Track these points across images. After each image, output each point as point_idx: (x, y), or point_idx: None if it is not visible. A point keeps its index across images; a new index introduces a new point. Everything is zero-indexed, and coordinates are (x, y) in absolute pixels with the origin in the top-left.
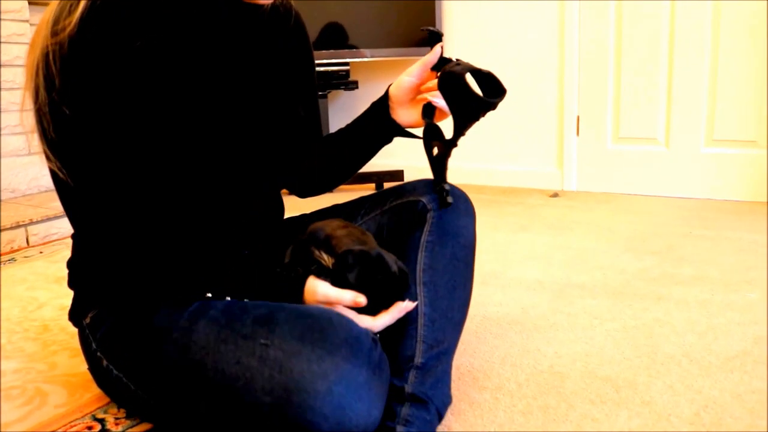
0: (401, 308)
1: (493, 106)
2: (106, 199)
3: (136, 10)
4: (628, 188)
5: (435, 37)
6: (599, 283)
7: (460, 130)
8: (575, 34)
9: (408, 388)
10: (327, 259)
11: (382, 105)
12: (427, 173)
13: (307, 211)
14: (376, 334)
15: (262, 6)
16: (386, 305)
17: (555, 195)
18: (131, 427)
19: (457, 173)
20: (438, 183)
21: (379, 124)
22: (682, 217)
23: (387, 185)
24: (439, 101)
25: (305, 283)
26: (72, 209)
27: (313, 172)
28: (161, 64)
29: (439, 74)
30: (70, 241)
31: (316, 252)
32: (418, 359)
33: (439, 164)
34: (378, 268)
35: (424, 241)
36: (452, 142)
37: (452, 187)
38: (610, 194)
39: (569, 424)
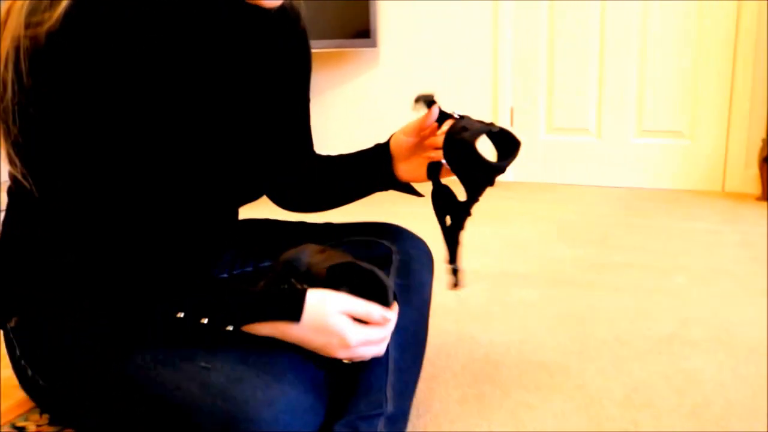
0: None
1: (504, 169)
2: (70, 206)
3: (125, 10)
4: (562, 178)
5: (429, 104)
6: (534, 271)
7: (473, 197)
8: (509, 27)
9: None
10: None
11: (384, 156)
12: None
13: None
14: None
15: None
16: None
17: (490, 185)
18: None
19: None
20: (451, 260)
21: (378, 176)
22: (614, 206)
23: None
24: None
25: (305, 294)
26: (19, 188)
27: (303, 189)
28: (147, 70)
29: (444, 139)
30: None
31: (299, 286)
32: (390, 407)
33: (451, 238)
34: (371, 281)
35: (393, 284)
36: (465, 212)
37: (416, 239)
38: (544, 184)
39: (504, 411)
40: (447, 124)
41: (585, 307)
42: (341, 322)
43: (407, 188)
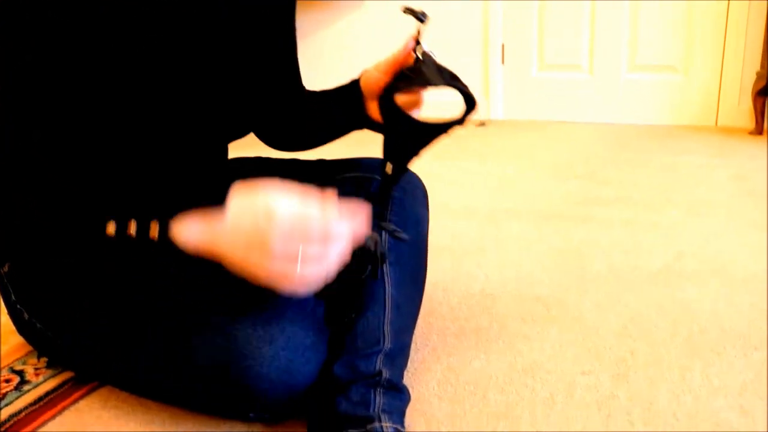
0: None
1: (434, 132)
2: (45, 153)
3: None
4: (554, 115)
5: (417, 19)
6: (527, 207)
7: (403, 157)
8: None
9: (386, 374)
10: None
11: (353, 94)
12: None
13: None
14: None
15: None
16: (344, 280)
17: (482, 124)
18: (52, 377)
19: None
20: (379, 216)
21: (348, 115)
22: (607, 143)
23: None
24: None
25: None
26: None
27: (290, 126)
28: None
29: (381, 95)
30: None
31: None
32: (387, 344)
33: (383, 191)
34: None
35: (387, 220)
36: (399, 171)
37: (411, 173)
38: (536, 122)
39: (502, 343)
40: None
41: (578, 241)
42: (273, 199)
43: (380, 128)
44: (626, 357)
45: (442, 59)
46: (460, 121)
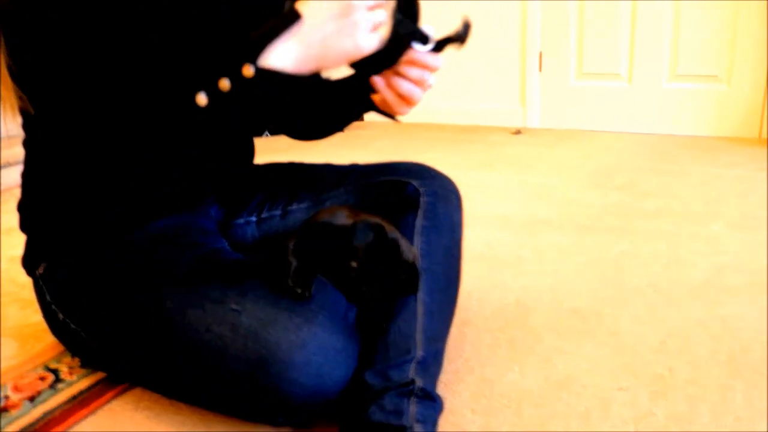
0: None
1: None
2: (67, 122)
3: None
4: (591, 124)
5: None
6: (564, 218)
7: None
8: None
9: (419, 383)
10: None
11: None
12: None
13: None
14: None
15: None
16: (383, 292)
17: (518, 132)
18: (86, 376)
19: (417, 112)
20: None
21: (351, 98)
22: (645, 153)
23: None
24: None
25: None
26: (31, 134)
27: (303, 113)
28: None
29: None
30: (16, 191)
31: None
32: (419, 352)
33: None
34: (391, 249)
35: (420, 225)
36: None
37: (444, 178)
38: (573, 131)
39: (537, 355)
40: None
41: (617, 254)
42: None
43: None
44: (664, 374)
45: (480, 67)
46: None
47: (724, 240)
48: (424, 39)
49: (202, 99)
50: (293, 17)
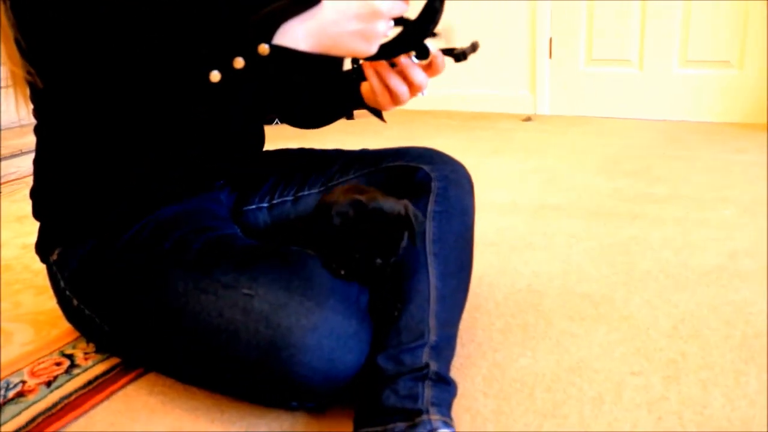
0: None
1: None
2: (77, 93)
3: None
4: (602, 111)
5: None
6: (574, 203)
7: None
8: None
9: (433, 366)
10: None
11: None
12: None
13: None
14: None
15: None
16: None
17: (528, 119)
18: (101, 361)
19: (427, 99)
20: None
21: (344, 94)
22: (656, 139)
23: (358, 112)
24: None
25: None
26: (42, 117)
27: (304, 108)
28: None
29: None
30: (29, 180)
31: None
32: (432, 336)
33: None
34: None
35: (431, 210)
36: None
37: (455, 163)
38: (583, 117)
39: (548, 340)
40: None
41: (628, 239)
42: None
43: (375, 111)
44: (677, 359)
45: (489, 53)
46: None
47: (735, 225)
48: (423, 53)
49: (215, 76)
50: (314, 0)
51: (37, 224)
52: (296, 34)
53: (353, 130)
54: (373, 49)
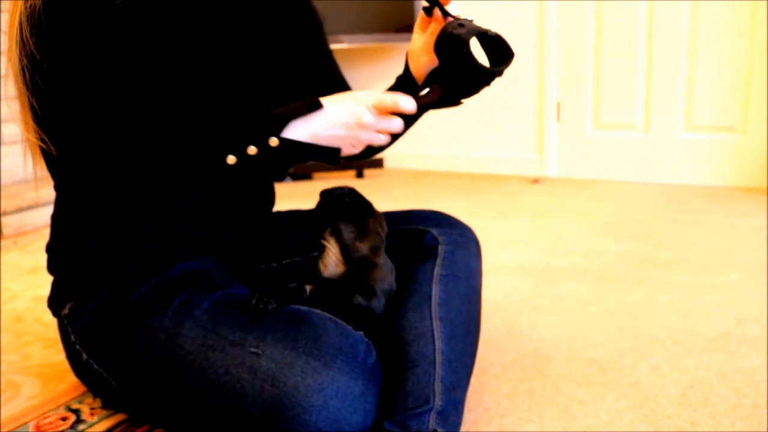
0: None
1: (498, 74)
2: (90, 163)
3: None
4: (608, 174)
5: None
6: (581, 267)
7: (454, 99)
8: (554, 19)
9: None
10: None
11: (406, 80)
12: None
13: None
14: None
15: None
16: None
17: (535, 181)
18: (107, 417)
19: (435, 160)
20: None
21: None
22: (661, 203)
23: (367, 172)
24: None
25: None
26: (58, 179)
27: None
28: (147, 16)
29: (438, 33)
30: (45, 232)
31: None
32: (438, 402)
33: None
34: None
35: (437, 274)
36: (446, 102)
37: (463, 226)
38: (590, 180)
39: (556, 406)
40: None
41: (634, 304)
42: (359, 95)
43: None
44: (686, 427)
45: (498, 116)
46: (504, 68)
47: (742, 290)
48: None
49: (231, 159)
50: (316, 106)
51: (49, 277)
52: (299, 132)
53: (362, 190)
54: (357, 151)
